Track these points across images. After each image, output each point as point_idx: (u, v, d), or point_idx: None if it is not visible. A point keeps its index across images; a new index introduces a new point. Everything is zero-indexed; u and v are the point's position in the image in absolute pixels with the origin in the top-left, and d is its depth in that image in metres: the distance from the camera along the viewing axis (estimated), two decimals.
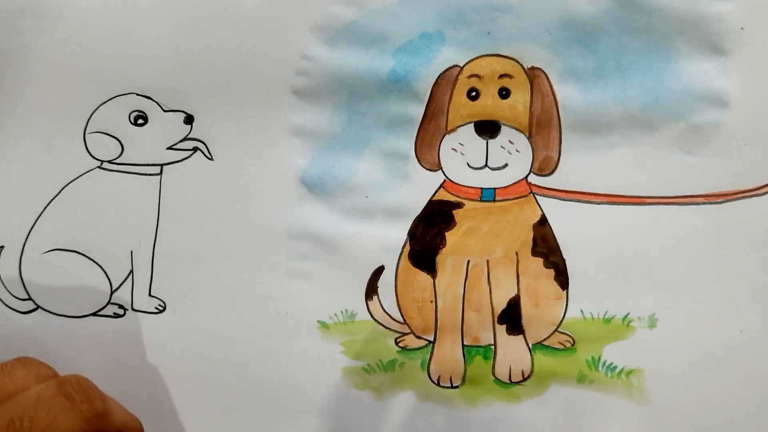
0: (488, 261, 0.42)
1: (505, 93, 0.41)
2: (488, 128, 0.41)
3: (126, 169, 0.42)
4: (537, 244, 0.42)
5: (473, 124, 0.41)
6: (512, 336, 0.42)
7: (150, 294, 0.42)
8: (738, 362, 0.41)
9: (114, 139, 0.41)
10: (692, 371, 0.41)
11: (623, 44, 0.40)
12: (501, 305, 0.42)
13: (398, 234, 0.42)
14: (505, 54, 0.41)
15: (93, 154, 0.42)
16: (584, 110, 0.41)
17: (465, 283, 0.42)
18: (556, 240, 0.42)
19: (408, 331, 0.42)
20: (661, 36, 0.40)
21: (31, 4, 0.40)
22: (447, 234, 0.42)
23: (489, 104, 0.41)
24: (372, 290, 0.42)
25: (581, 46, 0.40)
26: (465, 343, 0.42)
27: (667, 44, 0.40)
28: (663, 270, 0.41)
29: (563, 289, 0.42)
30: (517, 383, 0.42)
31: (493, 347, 0.42)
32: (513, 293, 0.42)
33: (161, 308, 0.42)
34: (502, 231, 0.42)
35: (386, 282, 0.42)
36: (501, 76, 0.41)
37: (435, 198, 0.42)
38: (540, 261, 0.42)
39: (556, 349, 0.42)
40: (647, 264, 0.41)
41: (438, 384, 0.42)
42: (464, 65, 0.41)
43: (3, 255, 0.42)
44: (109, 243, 0.42)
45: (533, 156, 0.41)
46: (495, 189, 0.42)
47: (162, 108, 0.41)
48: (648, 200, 0.41)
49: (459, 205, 0.42)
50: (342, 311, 0.42)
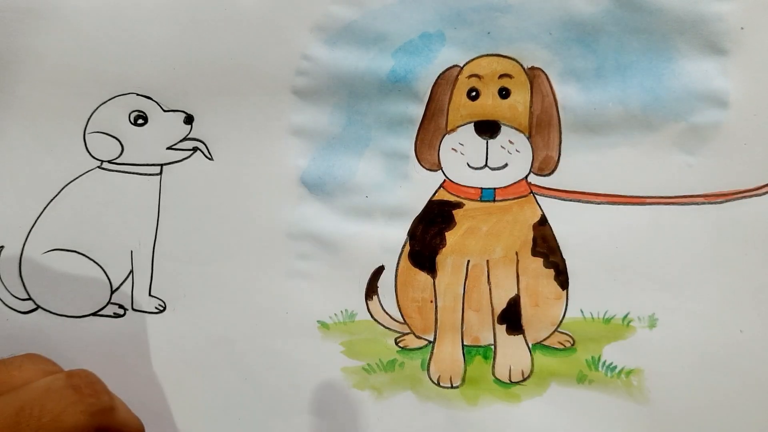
0: (488, 261, 0.42)
1: (505, 93, 0.41)
2: (488, 128, 0.41)
3: (126, 169, 0.42)
4: (537, 244, 0.42)
5: (473, 124, 0.41)
6: (512, 336, 0.42)
7: (150, 294, 0.42)
8: (738, 362, 0.41)
9: (114, 139, 0.41)
10: (692, 371, 0.41)
11: (623, 44, 0.40)
12: (501, 305, 0.42)
13: (398, 234, 0.42)
14: (505, 54, 0.41)
15: (93, 154, 0.42)
16: (584, 110, 0.41)
17: (465, 283, 0.42)
18: (556, 240, 0.42)
19: (408, 331, 0.42)
20: (661, 36, 0.40)
21: (31, 4, 0.40)
22: (447, 234, 0.42)
23: (489, 104, 0.41)
24: (372, 290, 0.42)
25: (581, 46, 0.40)
26: (465, 343, 0.42)
27: (667, 44, 0.40)
28: (663, 270, 0.41)
29: (563, 289, 0.42)
30: (517, 383, 0.42)
31: (493, 347, 0.42)
32: (513, 293, 0.42)
33: (161, 308, 0.42)
34: (502, 231, 0.42)
35: (386, 282, 0.42)
36: (501, 76, 0.41)
37: (435, 198, 0.42)
38: (540, 261, 0.42)
39: (556, 349, 0.42)
40: (647, 264, 0.41)
41: (438, 384, 0.42)
42: (464, 65, 0.41)
43: (3, 255, 0.42)
44: (109, 243, 0.42)
45: (533, 156, 0.41)
46: (495, 189, 0.42)
47: (162, 108, 0.41)
48: (648, 200, 0.41)
49: (459, 205, 0.42)
50: (342, 311, 0.42)
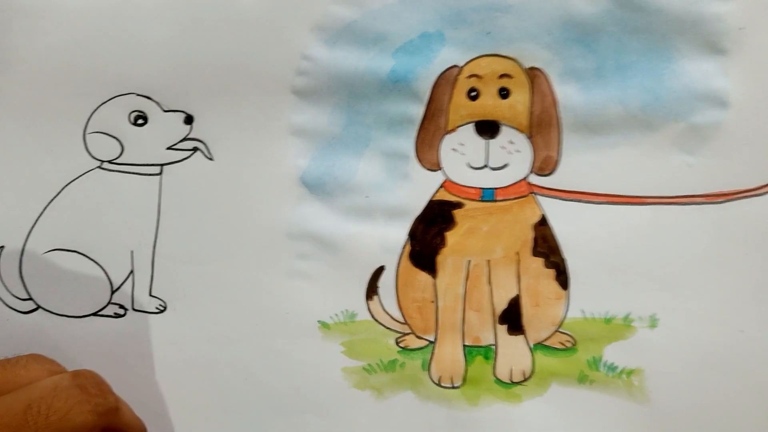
0: (489, 261, 0.42)
1: (505, 93, 0.41)
2: (488, 128, 0.41)
3: (126, 169, 0.42)
4: (537, 244, 0.42)
5: (473, 124, 0.41)
6: (513, 336, 0.42)
7: (150, 294, 0.42)
8: (738, 362, 0.41)
9: (114, 139, 0.41)
10: (693, 371, 0.41)
11: (623, 44, 0.40)
12: (501, 305, 0.42)
13: (398, 234, 0.42)
14: (505, 54, 0.41)
15: (93, 154, 0.42)
16: (584, 110, 0.41)
17: (465, 283, 0.42)
18: (557, 240, 0.42)
19: (408, 331, 0.42)
20: (661, 36, 0.40)
21: (31, 4, 0.40)
22: (447, 234, 0.42)
23: (489, 104, 0.41)
24: (372, 290, 0.42)
25: (581, 46, 0.40)
26: (466, 343, 0.42)
27: (667, 44, 0.40)
28: (663, 270, 0.41)
29: (564, 289, 0.42)
30: (518, 383, 0.42)
31: (494, 347, 0.42)
32: (513, 293, 0.42)
33: (162, 308, 0.42)
34: (503, 231, 0.42)
35: (386, 282, 0.42)
36: (501, 76, 0.41)
37: (435, 198, 0.42)
38: (540, 261, 0.42)
39: (557, 349, 0.42)
40: (648, 264, 0.41)
41: (439, 384, 0.42)
42: (464, 65, 0.41)
43: (3, 255, 0.42)
44: (110, 243, 0.42)
45: (533, 156, 0.41)
46: (495, 189, 0.42)
47: (162, 108, 0.41)
48: (648, 200, 0.41)
49: (459, 205, 0.42)
50: (342, 311, 0.42)
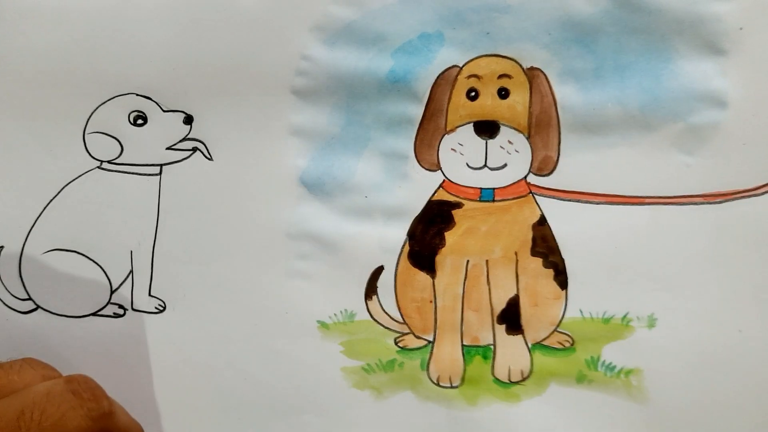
0: (487, 261, 0.42)
1: (505, 93, 0.41)
2: (487, 128, 0.41)
3: (126, 169, 0.42)
4: (536, 244, 0.42)
5: (472, 124, 0.41)
6: (511, 336, 0.42)
7: (150, 294, 0.42)
8: (738, 362, 0.41)
9: (113, 139, 0.41)
10: (692, 371, 0.41)
11: (622, 44, 0.40)
12: (500, 305, 0.42)
13: (398, 234, 0.42)
14: (504, 54, 0.41)
15: (93, 154, 0.42)
16: (583, 110, 0.41)
17: (464, 283, 0.42)
18: (555, 240, 0.42)
19: (407, 331, 0.42)
20: (660, 36, 0.40)
21: (31, 4, 0.40)
22: (446, 234, 0.42)
23: (488, 104, 0.41)
24: (371, 290, 0.42)
25: (580, 47, 0.40)
26: (464, 343, 0.42)
27: (666, 44, 0.40)
28: (662, 270, 0.41)
29: (562, 289, 0.42)
30: (517, 383, 0.42)
31: (493, 347, 0.42)
32: (512, 293, 0.42)
33: (161, 308, 0.42)
34: (502, 231, 0.42)
35: (386, 282, 0.42)
36: (500, 77, 0.41)
37: (434, 198, 0.42)
38: (539, 261, 0.42)
39: (556, 349, 0.42)
40: (646, 264, 0.41)
41: (437, 384, 0.42)
42: (463, 65, 0.41)
43: (3, 255, 0.42)
44: (109, 243, 0.42)
45: (532, 156, 0.41)
46: (494, 189, 0.42)
47: (161, 108, 0.41)
48: (647, 200, 0.41)
49: (458, 205, 0.42)
50: (341, 311, 0.42)
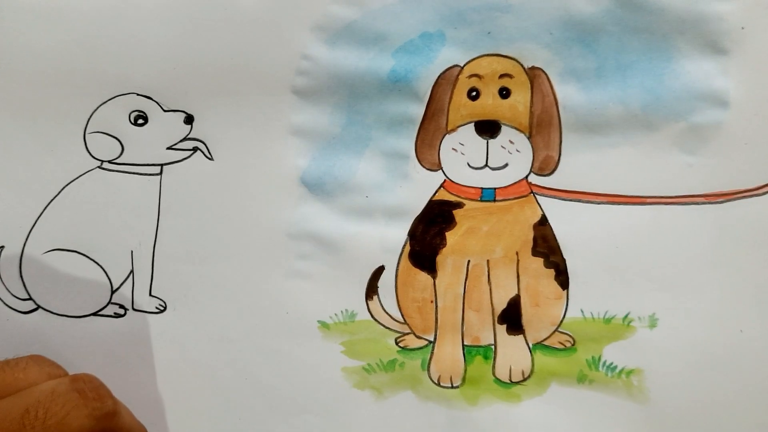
0: (488, 261, 0.42)
1: (506, 93, 0.41)
2: (488, 128, 0.41)
3: (126, 169, 0.42)
4: (537, 244, 0.42)
5: (473, 124, 0.41)
6: (512, 336, 0.42)
7: (150, 294, 0.42)
8: (738, 362, 0.41)
9: (114, 139, 0.41)
10: (692, 371, 0.41)
11: (624, 44, 0.40)
12: (501, 305, 0.42)
13: (398, 234, 0.42)
14: (506, 54, 0.41)
15: (93, 154, 0.42)
16: (584, 110, 0.41)
17: (465, 283, 0.42)
18: (557, 240, 0.42)
19: (408, 331, 0.42)
20: (662, 36, 0.40)
21: (32, 4, 0.40)
22: (447, 234, 0.42)
23: (489, 104, 0.41)
24: (372, 290, 0.42)
25: (581, 46, 0.40)
26: (465, 343, 0.42)
27: (668, 44, 0.40)
28: (663, 270, 0.41)
29: (563, 289, 0.42)
30: (518, 383, 0.42)
31: (494, 347, 0.42)
32: (513, 293, 0.42)
33: (162, 308, 0.42)
34: (503, 231, 0.42)
35: (386, 282, 0.42)
36: (501, 76, 0.41)
37: (435, 198, 0.42)
38: (540, 261, 0.42)
39: (557, 349, 0.42)
40: (647, 264, 0.41)
41: (438, 384, 0.42)
42: (464, 65, 0.41)
43: (3, 255, 0.42)
44: (110, 243, 0.42)
45: (533, 156, 0.41)
46: (495, 189, 0.42)
47: (162, 108, 0.41)
48: (648, 200, 0.41)
49: (459, 205, 0.42)
50: (342, 311, 0.42)
